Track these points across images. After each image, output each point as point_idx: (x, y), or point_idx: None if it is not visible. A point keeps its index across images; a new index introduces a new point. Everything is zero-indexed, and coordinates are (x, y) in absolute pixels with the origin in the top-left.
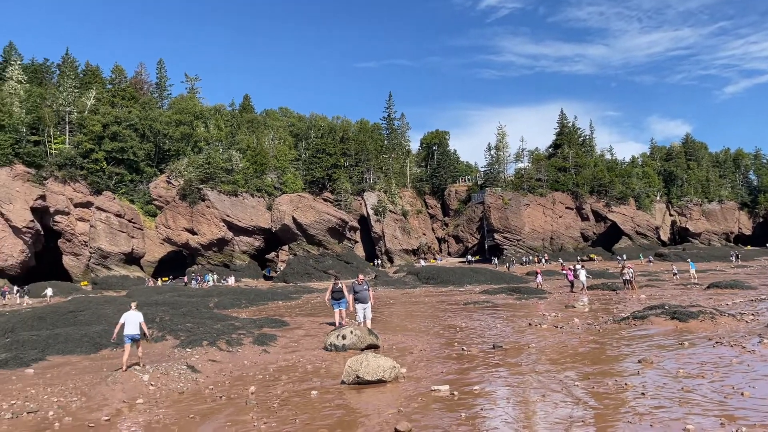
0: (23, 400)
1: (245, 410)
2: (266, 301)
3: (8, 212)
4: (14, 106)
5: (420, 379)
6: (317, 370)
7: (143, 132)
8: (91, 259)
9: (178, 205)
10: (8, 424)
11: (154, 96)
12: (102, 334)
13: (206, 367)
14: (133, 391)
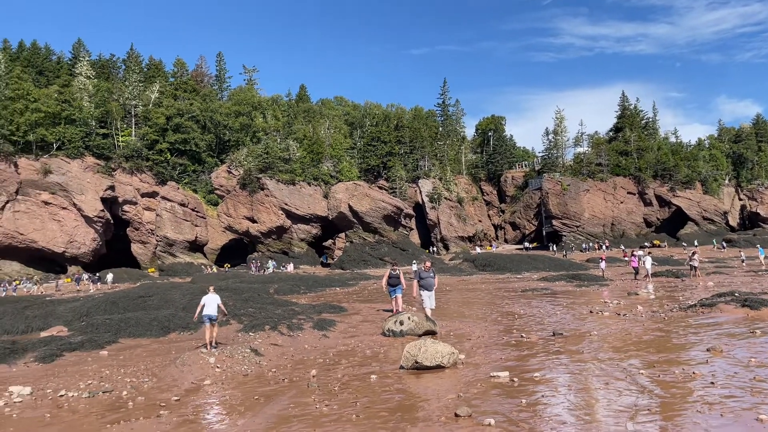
0: (99, 380)
1: (307, 393)
2: (324, 288)
3: (80, 202)
4: (84, 101)
5: (479, 365)
6: (376, 355)
7: (204, 123)
8: (157, 246)
9: (239, 194)
10: (86, 403)
11: (214, 88)
12: (170, 318)
13: (269, 350)
14: (201, 373)
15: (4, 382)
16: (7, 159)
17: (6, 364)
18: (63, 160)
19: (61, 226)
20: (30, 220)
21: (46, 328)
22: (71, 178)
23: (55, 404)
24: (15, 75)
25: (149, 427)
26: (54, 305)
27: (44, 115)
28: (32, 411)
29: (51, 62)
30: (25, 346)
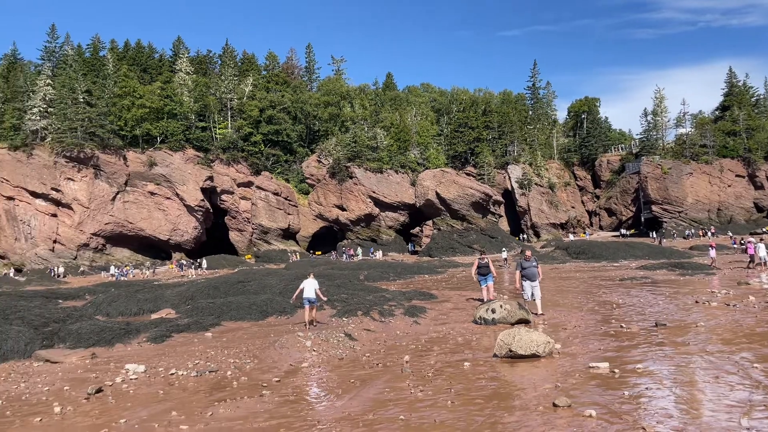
0: (205, 360)
1: (401, 378)
2: (413, 275)
3: (183, 192)
4: (184, 96)
5: (576, 355)
6: (468, 342)
7: (295, 114)
8: (253, 234)
9: (329, 182)
10: (194, 381)
11: (303, 79)
12: (267, 303)
13: (362, 335)
14: (298, 355)
15: (121, 360)
16: (116, 153)
17: (122, 344)
18: (166, 152)
19: (166, 215)
20: (138, 210)
21: (155, 311)
22: (174, 169)
23: (167, 382)
24: (122, 73)
25: (253, 406)
26: (162, 289)
27: (149, 111)
28: (147, 388)
29: (154, 60)
30: (138, 327)
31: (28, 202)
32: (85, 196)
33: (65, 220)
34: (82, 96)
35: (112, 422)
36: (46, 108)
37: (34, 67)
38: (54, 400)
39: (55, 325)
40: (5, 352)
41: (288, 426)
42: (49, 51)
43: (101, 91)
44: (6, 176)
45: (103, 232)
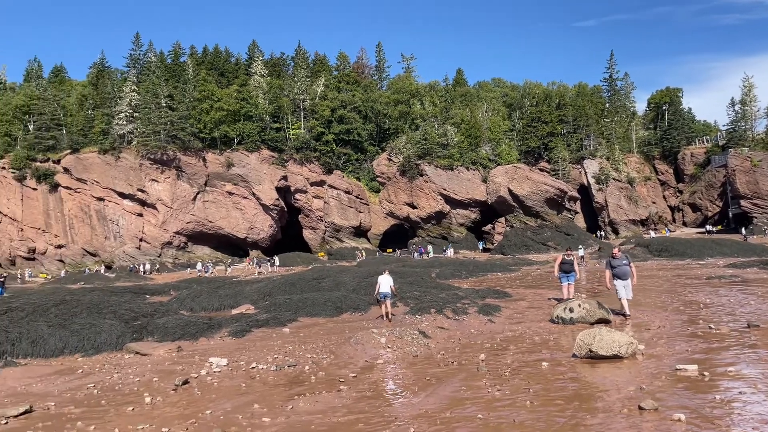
0: (284, 355)
1: (477, 376)
2: (485, 273)
3: (259, 192)
4: (259, 98)
5: (661, 356)
6: (545, 342)
7: (365, 113)
8: (325, 232)
9: (399, 180)
10: (274, 375)
11: (374, 78)
12: (342, 299)
13: (436, 333)
14: (373, 352)
15: (205, 354)
16: (196, 154)
17: (205, 338)
18: (243, 153)
19: (243, 214)
20: (217, 209)
21: (235, 306)
22: (250, 170)
23: (248, 375)
24: (201, 78)
25: (332, 401)
26: (241, 286)
27: (226, 113)
28: (230, 380)
29: (230, 64)
30: (219, 322)
31: (116, 203)
32: (168, 196)
33: (150, 220)
34: (164, 101)
35: (199, 413)
36: (131, 113)
37: (121, 75)
38: (144, 390)
39: (143, 319)
40: (99, 344)
41: (366, 421)
42: (134, 58)
43: (182, 95)
44: (96, 178)
45: (185, 230)
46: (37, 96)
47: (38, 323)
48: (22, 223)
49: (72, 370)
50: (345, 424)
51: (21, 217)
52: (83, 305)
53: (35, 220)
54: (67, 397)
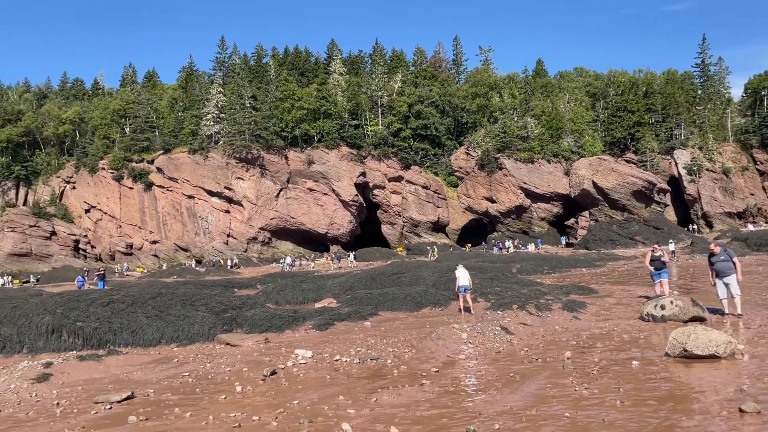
0: (366, 348)
1: (563, 374)
2: (568, 268)
3: (338, 188)
4: (338, 96)
5: (763, 357)
6: (635, 340)
7: (443, 108)
8: (404, 227)
9: (477, 174)
10: (357, 368)
11: (451, 72)
12: (422, 294)
13: (518, 329)
14: (455, 347)
15: (291, 346)
16: (279, 153)
17: (291, 330)
18: (323, 150)
19: (323, 210)
20: (299, 205)
21: (318, 300)
22: (330, 166)
23: (333, 367)
24: (282, 78)
25: (414, 395)
26: (324, 280)
27: (307, 112)
28: (315, 372)
29: (310, 63)
30: (304, 315)
31: (205, 200)
32: (253, 193)
33: (236, 216)
34: (248, 101)
35: (287, 403)
36: (218, 114)
37: (208, 77)
38: (235, 380)
39: (232, 311)
40: (193, 334)
41: (450, 416)
42: (219, 61)
43: (264, 95)
44: (187, 177)
45: (268, 226)
46: (132, 100)
47: (137, 314)
48: (120, 220)
49: (168, 359)
50: (428, 418)
51: (119, 215)
52: (177, 298)
53: (132, 217)
54: (165, 385)
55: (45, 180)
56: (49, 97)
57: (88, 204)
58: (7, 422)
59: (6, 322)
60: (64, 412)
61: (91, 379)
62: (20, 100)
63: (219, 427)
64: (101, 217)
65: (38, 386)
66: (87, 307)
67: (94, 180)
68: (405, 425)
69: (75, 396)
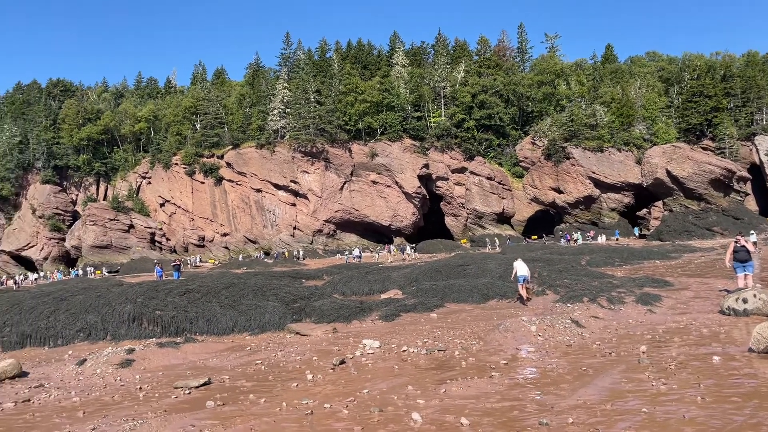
0: (433, 340)
1: (638, 369)
2: (641, 260)
3: (401, 180)
4: (400, 88)
5: None
6: (715, 334)
7: (507, 97)
8: (468, 219)
9: (544, 165)
10: (425, 359)
11: (516, 60)
12: (488, 286)
13: (589, 322)
14: (523, 339)
15: (358, 336)
16: (343, 146)
17: (358, 321)
18: (386, 143)
19: (387, 202)
20: (362, 198)
21: (384, 291)
22: (393, 159)
23: (400, 358)
24: (346, 72)
25: (484, 387)
26: (389, 272)
27: (369, 105)
28: (383, 362)
29: (372, 56)
30: (370, 306)
31: (272, 194)
32: (318, 186)
33: (302, 209)
34: (313, 96)
35: (356, 392)
36: (284, 109)
37: (274, 73)
38: (306, 368)
39: (301, 301)
40: (264, 324)
41: (521, 408)
42: (284, 57)
43: (328, 89)
44: (255, 171)
45: (333, 218)
46: (202, 97)
47: (212, 304)
48: (193, 213)
49: (241, 347)
50: (499, 411)
51: (192, 208)
52: (249, 288)
53: (204, 210)
54: (239, 372)
55: (123, 176)
56: (125, 96)
57: (162, 198)
58: (95, 405)
59: (91, 311)
60: (147, 396)
61: (170, 365)
62: (99, 100)
63: (292, 413)
64: (175, 210)
65: (122, 371)
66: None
67: (168, 175)
68: (475, 416)
69: (156, 381)
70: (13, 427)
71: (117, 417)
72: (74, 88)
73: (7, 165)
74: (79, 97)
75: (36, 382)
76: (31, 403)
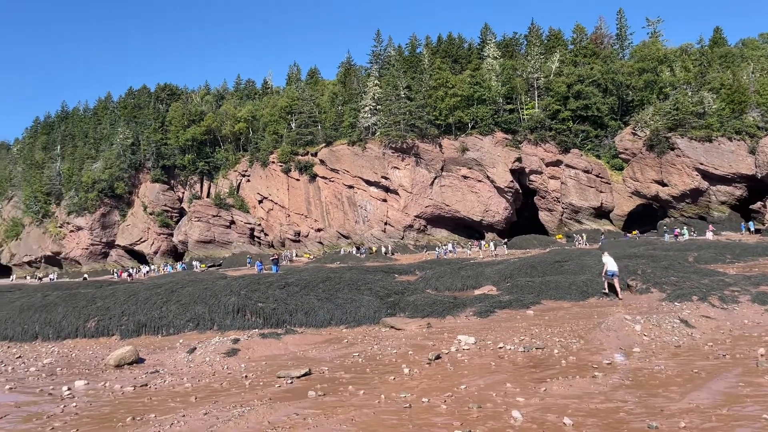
0: (530, 337)
1: (757, 372)
2: (756, 257)
3: (493, 175)
4: (492, 81)
5: None
6: None
7: (605, 86)
8: (563, 213)
9: (645, 156)
10: (522, 357)
11: (614, 48)
12: (587, 284)
13: (700, 322)
14: (627, 339)
15: (452, 331)
16: (433, 141)
17: (451, 316)
18: (476, 137)
19: (478, 197)
20: (453, 193)
21: (477, 287)
22: (484, 153)
23: (497, 355)
24: (436, 66)
25: (586, 387)
26: (482, 267)
27: (460, 99)
28: (479, 359)
29: (463, 50)
30: (464, 301)
31: (364, 190)
32: (408, 182)
33: (393, 204)
34: (403, 92)
35: (454, 387)
36: (375, 106)
37: (365, 71)
38: (401, 362)
39: (395, 296)
40: (359, 317)
41: (628, 411)
42: (375, 54)
43: (418, 85)
44: (347, 168)
45: (424, 214)
46: (297, 97)
47: (309, 297)
48: (289, 209)
49: (338, 340)
50: (604, 412)
51: (288, 205)
52: (344, 282)
53: (299, 206)
54: (337, 364)
55: (224, 174)
56: (225, 98)
57: (260, 195)
58: (206, 391)
59: (199, 302)
60: (252, 384)
61: (272, 355)
62: (202, 102)
63: (391, 406)
64: (272, 207)
65: (228, 360)
66: (266, 289)
67: (266, 173)
68: (579, 417)
69: (260, 370)
70: (133, 409)
71: (226, 403)
72: (180, 92)
73: (121, 165)
74: (184, 100)
75: (152, 368)
76: (148, 387)
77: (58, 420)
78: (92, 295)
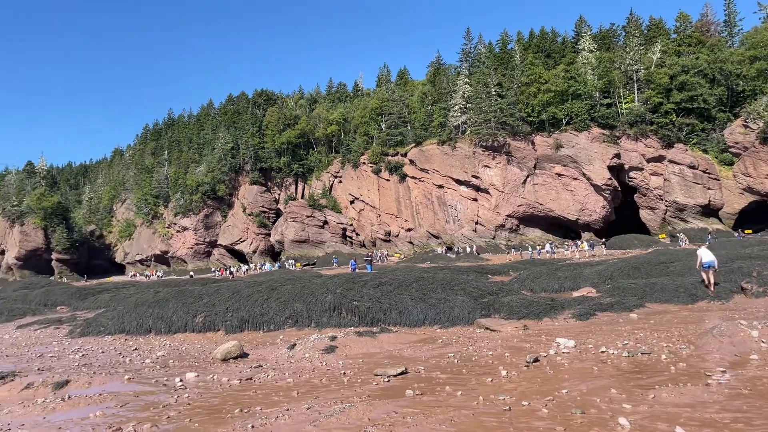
0: (634, 342)
1: None
2: None
3: (589, 172)
4: (587, 75)
5: None
6: None
7: (712, 76)
8: (666, 212)
9: (759, 150)
10: (627, 362)
11: (722, 35)
12: (697, 286)
13: None
14: (743, 345)
15: (550, 334)
16: (525, 138)
17: (549, 318)
18: (571, 133)
19: (573, 196)
20: (546, 191)
21: (576, 289)
22: (579, 149)
23: (598, 359)
24: (528, 62)
25: (699, 395)
26: (580, 268)
27: (553, 94)
28: (580, 363)
29: (556, 44)
30: (562, 303)
31: (454, 189)
32: (499, 181)
33: (484, 204)
34: (494, 89)
35: (554, 391)
36: (465, 104)
37: (454, 69)
38: (498, 364)
39: (489, 297)
40: (453, 318)
41: (747, 422)
42: (465, 52)
43: (510, 82)
44: (437, 167)
45: (516, 213)
46: (387, 98)
47: (403, 296)
48: (380, 209)
49: (433, 340)
50: (720, 422)
51: (378, 205)
52: (437, 282)
53: (389, 207)
54: (433, 363)
55: (317, 175)
56: (318, 102)
57: (352, 196)
58: (306, 386)
59: (297, 300)
60: (350, 381)
61: (368, 353)
62: (296, 106)
63: (490, 408)
64: (363, 207)
65: (327, 356)
66: (361, 288)
67: (357, 174)
68: (692, 426)
69: (357, 367)
70: (240, 401)
71: (327, 399)
72: (275, 97)
73: (222, 168)
74: (280, 104)
75: (255, 362)
76: (252, 381)
77: (172, 409)
78: (199, 292)
